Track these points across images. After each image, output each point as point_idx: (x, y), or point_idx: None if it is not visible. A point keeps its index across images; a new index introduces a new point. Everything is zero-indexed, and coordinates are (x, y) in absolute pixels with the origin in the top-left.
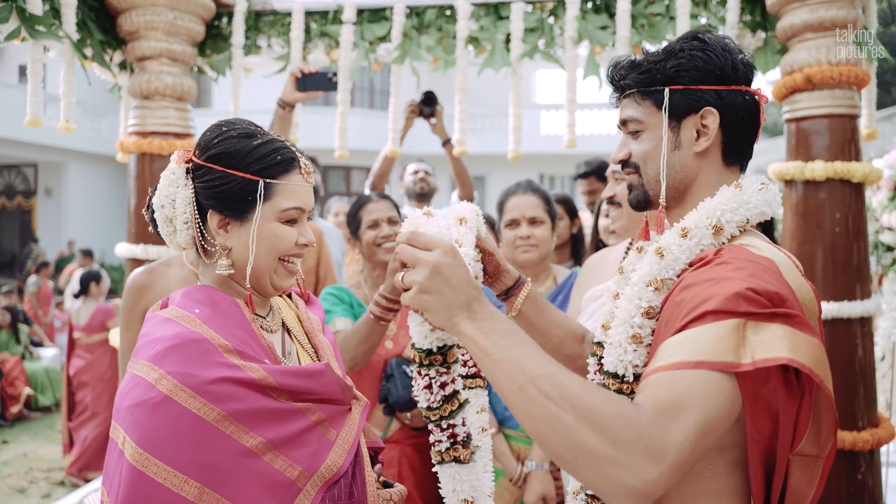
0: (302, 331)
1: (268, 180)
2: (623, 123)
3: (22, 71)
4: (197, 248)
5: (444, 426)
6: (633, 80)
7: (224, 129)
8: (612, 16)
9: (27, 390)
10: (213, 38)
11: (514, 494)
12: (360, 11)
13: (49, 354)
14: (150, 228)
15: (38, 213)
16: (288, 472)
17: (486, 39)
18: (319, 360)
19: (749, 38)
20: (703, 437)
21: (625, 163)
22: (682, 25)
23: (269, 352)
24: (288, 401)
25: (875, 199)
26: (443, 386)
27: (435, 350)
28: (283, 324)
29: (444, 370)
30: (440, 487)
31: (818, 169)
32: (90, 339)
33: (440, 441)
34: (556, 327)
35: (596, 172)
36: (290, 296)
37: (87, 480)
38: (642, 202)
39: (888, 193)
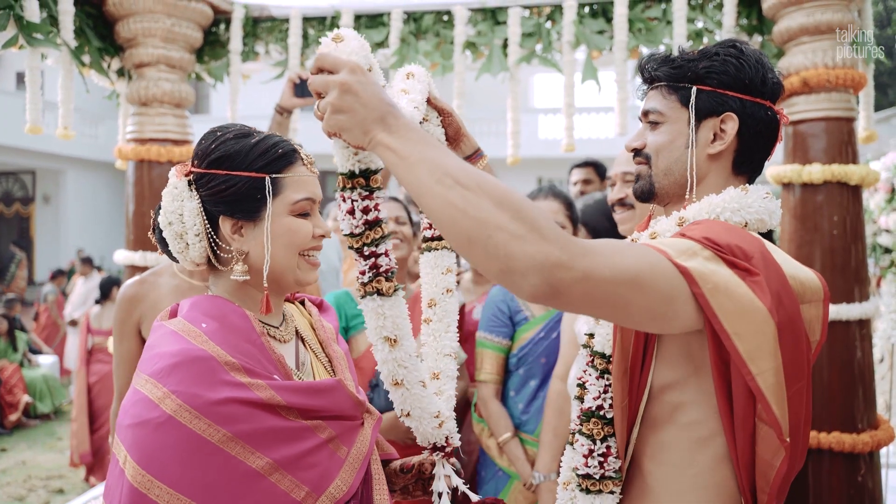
0: (316, 339)
1: (273, 175)
2: (644, 114)
3: (20, 78)
4: (210, 259)
5: (367, 254)
6: (663, 73)
7: (219, 133)
8: (609, 20)
9: (25, 398)
10: (211, 45)
11: (529, 499)
12: (358, 17)
13: (47, 362)
14: (160, 251)
15: (36, 220)
16: (294, 493)
17: (483, 44)
18: (333, 372)
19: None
20: (627, 281)
21: (637, 152)
22: (679, 29)
23: (280, 366)
24: (297, 418)
25: (872, 201)
26: (365, 210)
27: (357, 172)
28: (297, 332)
29: (367, 193)
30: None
31: (815, 172)
32: (109, 343)
33: (364, 272)
34: None
35: (595, 165)
36: (303, 302)
37: None
38: (646, 193)
39: (885, 196)
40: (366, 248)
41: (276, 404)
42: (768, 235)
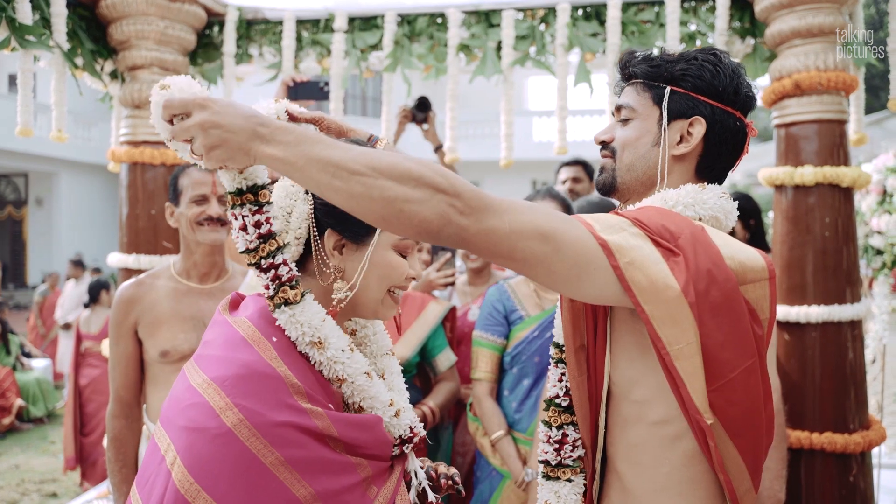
0: None
1: None
2: (617, 109)
3: (12, 80)
4: (315, 269)
5: (265, 266)
6: (641, 70)
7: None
8: (602, 23)
9: (19, 402)
10: (205, 47)
11: (521, 498)
12: (352, 20)
13: (40, 365)
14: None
15: (28, 223)
16: None
17: (477, 47)
18: None
19: (738, 44)
20: (529, 237)
21: (604, 145)
22: (672, 32)
23: (336, 394)
24: (343, 453)
25: (864, 203)
26: (257, 225)
27: (245, 189)
28: None
29: (256, 209)
30: None
31: (807, 174)
32: (101, 346)
33: (267, 286)
34: None
35: (583, 164)
36: None
37: None
38: (608, 186)
39: (877, 197)
40: (263, 262)
41: (329, 435)
42: (759, 233)
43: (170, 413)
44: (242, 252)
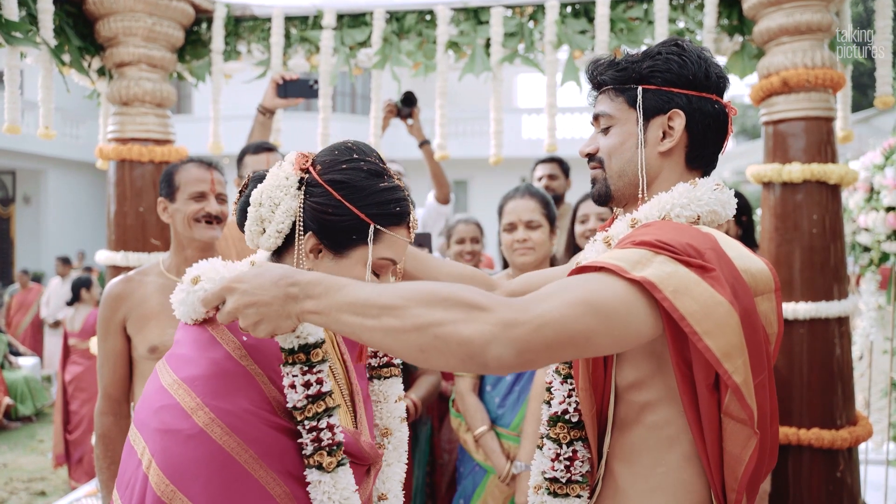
0: (339, 363)
1: (378, 227)
2: (595, 119)
3: None
4: (291, 264)
5: (308, 427)
6: (609, 76)
7: (356, 157)
8: (591, 20)
9: (7, 400)
10: (193, 44)
11: (505, 493)
12: (340, 17)
13: (28, 364)
14: (233, 217)
15: (16, 220)
16: None
17: (466, 44)
18: (353, 409)
19: (726, 41)
20: (581, 315)
21: (591, 157)
22: (661, 29)
23: None
24: None
25: (852, 200)
26: (306, 385)
27: (296, 348)
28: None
29: (307, 369)
30: None
31: (795, 171)
32: (85, 344)
33: (305, 444)
34: (443, 274)
35: (559, 161)
36: None
37: None
38: (604, 196)
39: (864, 195)
40: (307, 422)
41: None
42: (748, 229)
43: (143, 415)
44: (290, 407)
